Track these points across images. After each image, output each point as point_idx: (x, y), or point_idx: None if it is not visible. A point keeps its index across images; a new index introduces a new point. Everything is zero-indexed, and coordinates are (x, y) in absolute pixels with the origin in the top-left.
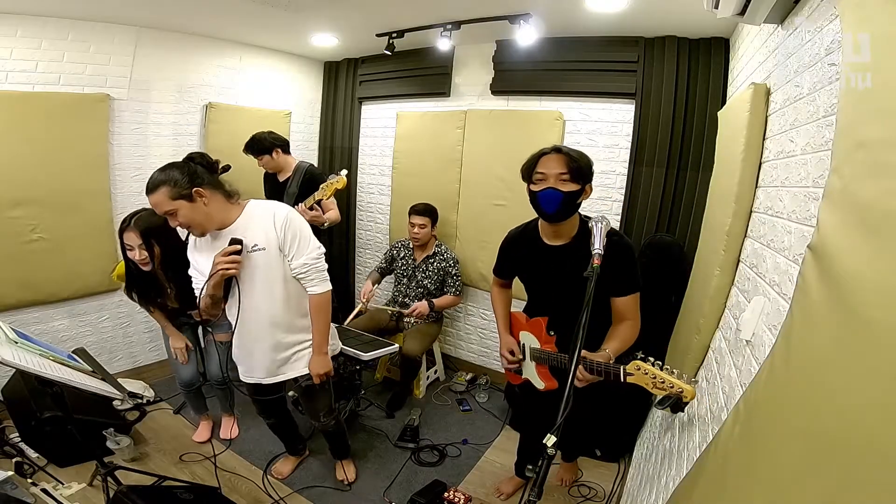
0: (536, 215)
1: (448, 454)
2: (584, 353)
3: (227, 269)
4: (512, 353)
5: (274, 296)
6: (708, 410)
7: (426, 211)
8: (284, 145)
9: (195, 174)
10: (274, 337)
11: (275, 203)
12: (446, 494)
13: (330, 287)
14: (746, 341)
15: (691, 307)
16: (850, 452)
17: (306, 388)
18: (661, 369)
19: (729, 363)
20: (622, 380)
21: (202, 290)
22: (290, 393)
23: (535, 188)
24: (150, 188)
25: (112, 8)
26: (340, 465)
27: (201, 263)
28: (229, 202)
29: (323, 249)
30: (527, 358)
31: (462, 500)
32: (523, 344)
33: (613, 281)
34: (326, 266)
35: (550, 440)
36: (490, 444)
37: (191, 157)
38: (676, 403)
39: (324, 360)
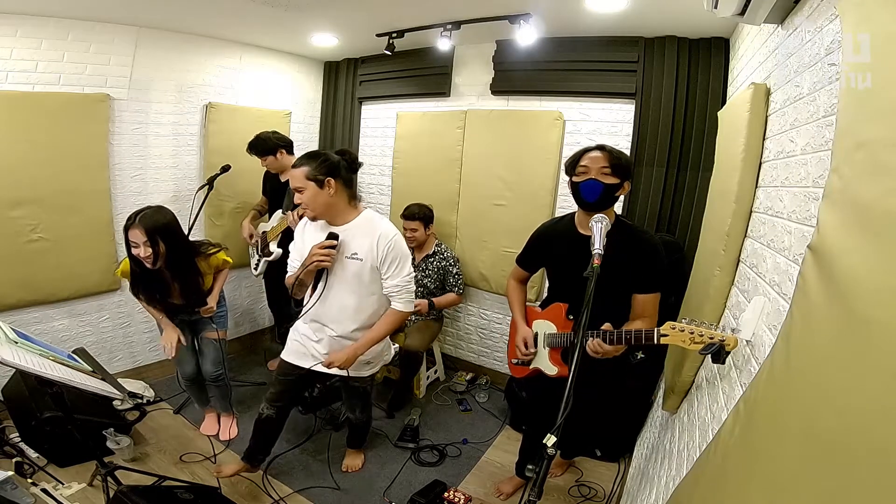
0: (535, 215)
1: (448, 454)
2: (608, 326)
3: (322, 260)
4: (527, 345)
5: (353, 303)
6: (708, 410)
7: (415, 215)
8: (289, 146)
9: (335, 167)
10: (341, 336)
11: (386, 222)
12: (446, 494)
13: (411, 309)
14: (746, 341)
15: (691, 307)
16: (849, 453)
17: (355, 387)
18: (699, 325)
19: (729, 363)
20: (655, 341)
21: (297, 272)
22: (318, 388)
23: (577, 179)
24: (297, 164)
25: (112, 8)
26: (351, 454)
27: (304, 245)
28: (350, 204)
29: (414, 273)
30: (540, 346)
31: (462, 500)
32: (537, 333)
33: (637, 277)
34: (414, 288)
35: (550, 440)
36: (490, 444)
37: (341, 153)
38: (717, 353)
39: (351, 358)
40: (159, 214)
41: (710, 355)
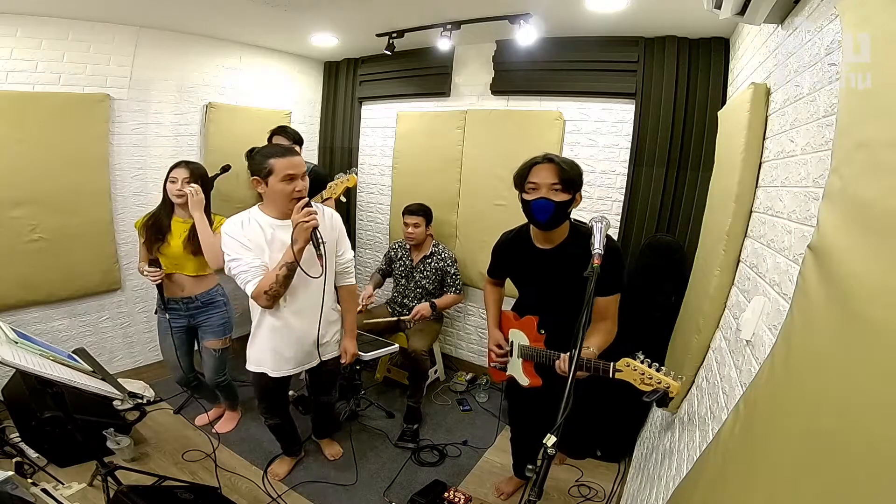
0: None
1: (448, 454)
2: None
3: (308, 221)
4: (499, 347)
5: (327, 285)
6: (708, 410)
7: (419, 211)
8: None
9: None
10: (322, 322)
11: (320, 205)
12: (446, 494)
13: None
14: (746, 341)
15: (691, 307)
16: (849, 452)
17: (330, 370)
18: (650, 367)
19: (729, 363)
20: (611, 375)
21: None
22: (291, 392)
23: (527, 197)
24: (293, 151)
25: (112, 8)
26: (328, 443)
27: (264, 244)
28: None
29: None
30: (514, 355)
31: (462, 500)
32: (512, 341)
33: (597, 280)
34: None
35: (550, 440)
36: (490, 444)
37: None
38: (662, 398)
39: (354, 344)
40: (203, 168)
41: (654, 401)
